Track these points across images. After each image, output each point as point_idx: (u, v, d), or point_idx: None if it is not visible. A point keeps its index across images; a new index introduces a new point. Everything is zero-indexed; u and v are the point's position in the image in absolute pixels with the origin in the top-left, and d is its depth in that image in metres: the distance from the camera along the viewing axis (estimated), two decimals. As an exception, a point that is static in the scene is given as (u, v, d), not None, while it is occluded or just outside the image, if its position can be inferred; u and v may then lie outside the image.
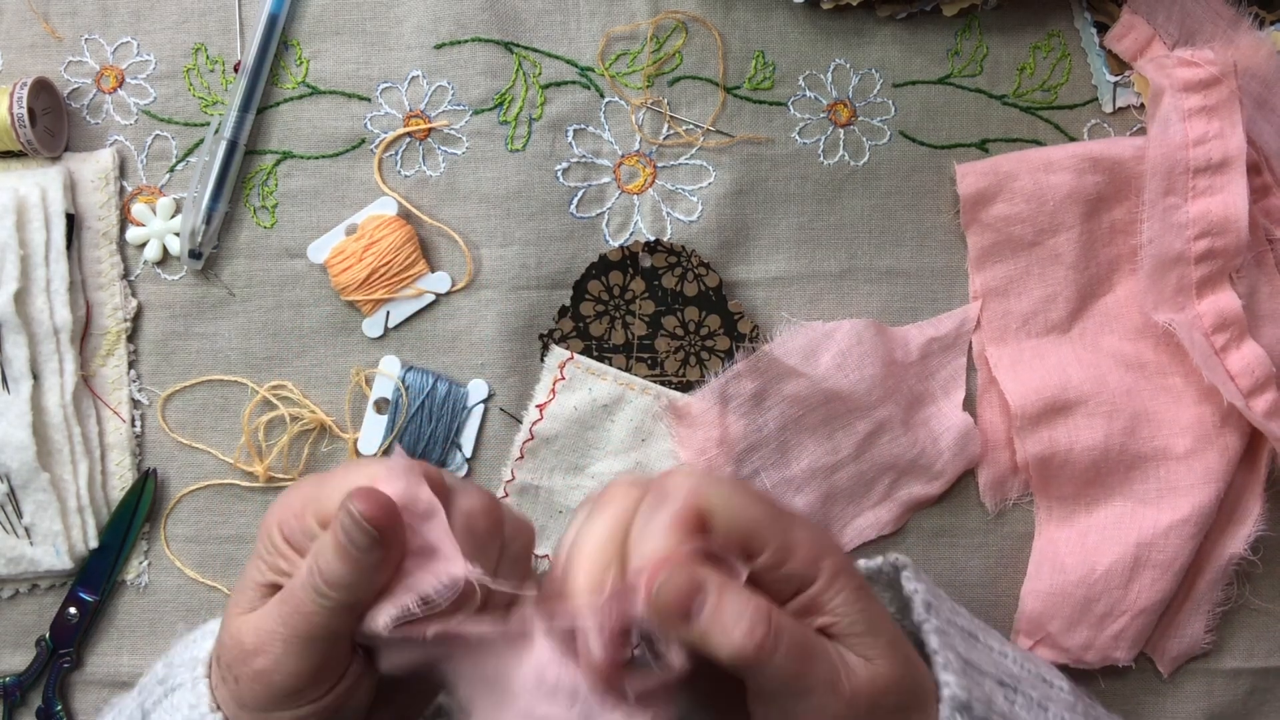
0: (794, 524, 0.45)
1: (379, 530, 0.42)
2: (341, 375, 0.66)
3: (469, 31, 0.66)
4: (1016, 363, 0.66)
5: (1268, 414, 0.62)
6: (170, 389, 0.67)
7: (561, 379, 0.65)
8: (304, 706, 0.45)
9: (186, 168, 0.67)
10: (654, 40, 0.67)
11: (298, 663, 0.44)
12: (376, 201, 0.66)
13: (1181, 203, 0.63)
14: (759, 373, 0.64)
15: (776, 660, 0.42)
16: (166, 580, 0.66)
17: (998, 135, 0.68)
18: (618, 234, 0.67)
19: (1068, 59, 0.68)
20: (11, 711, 0.65)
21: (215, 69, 0.67)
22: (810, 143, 0.67)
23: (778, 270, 0.67)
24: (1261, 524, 0.64)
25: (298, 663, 0.44)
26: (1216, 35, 0.66)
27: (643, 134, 0.67)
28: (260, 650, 0.44)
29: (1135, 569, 0.63)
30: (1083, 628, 0.64)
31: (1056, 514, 0.66)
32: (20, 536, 0.64)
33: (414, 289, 0.66)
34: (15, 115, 0.63)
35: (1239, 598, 0.66)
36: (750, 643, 0.42)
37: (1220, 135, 0.63)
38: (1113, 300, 0.67)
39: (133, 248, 0.67)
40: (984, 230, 0.67)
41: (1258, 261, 0.65)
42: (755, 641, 0.42)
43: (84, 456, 0.65)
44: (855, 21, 0.67)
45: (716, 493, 0.44)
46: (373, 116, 0.67)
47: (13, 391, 0.63)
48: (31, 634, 0.66)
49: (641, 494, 0.45)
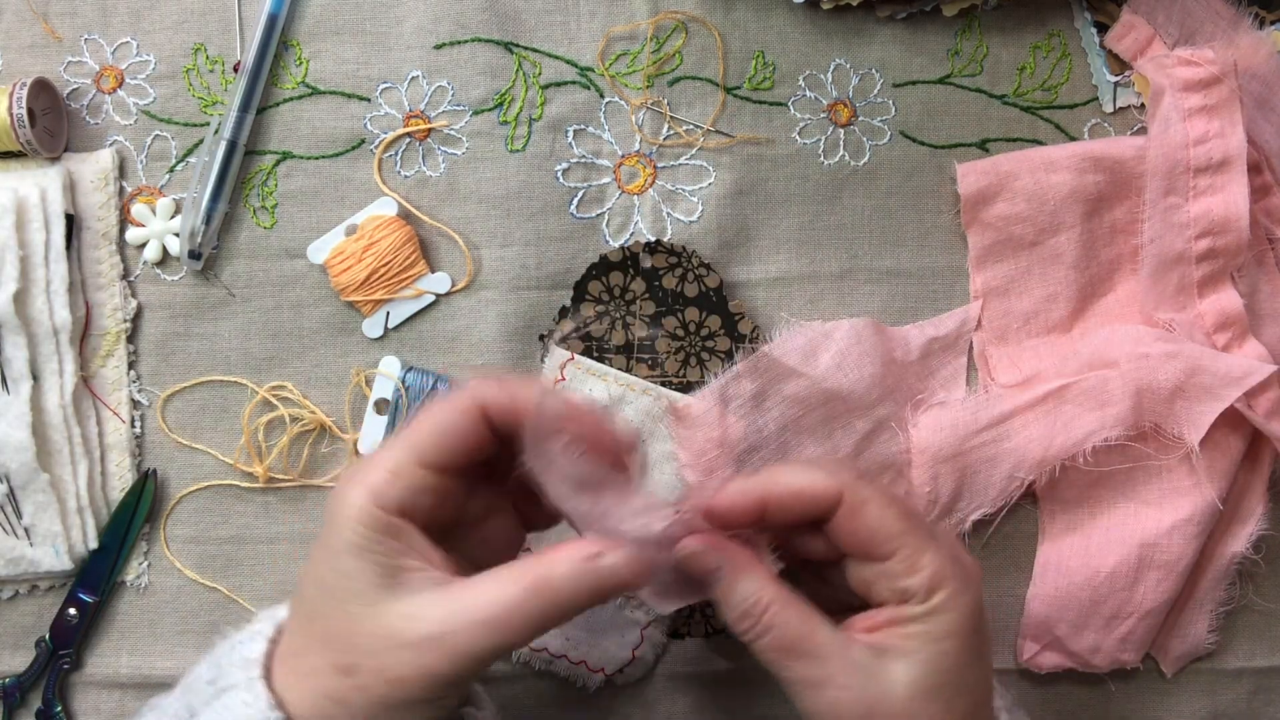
0: (931, 547, 0.49)
1: None
2: (341, 376, 0.66)
3: (469, 31, 0.66)
4: (1017, 362, 0.66)
5: (1268, 414, 0.62)
6: (170, 389, 0.66)
7: (562, 380, 0.65)
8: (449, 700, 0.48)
9: (186, 168, 0.67)
10: (654, 40, 0.67)
11: (487, 664, 0.46)
12: (376, 202, 0.66)
13: (1182, 202, 0.63)
14: (759, 373, 0.63)
15: (758, 646, 0.48)
16: (166, 581, 0.66)
17: (998, 135, 0.68)
18: (618, 234, 0.67)
19: (1068, 59, 0.68)
20: (11, 712, 0.65)
21: (215, 69, 0.67)
22: (810, 143, 0.67)
23: (778, 271, 0.67)
24: (1264, 523, 0.64)
25: (487, 664, 0.46)
26: (1216, 35, 0.66)
27: (643, 134, 0.67)
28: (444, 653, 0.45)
29: (1140, 570, 0.63)
30: (1090, 631, 0.64)
31: (1060, 517, 0.66)
32: (20, 537, 0.64)
33: (414, 289, 0.66)
34: (15, 115, 0.63)
35: (1242, 597, 0.66)
36: (739, 624, 0.49)
37: (1221, 135, 0.63)
38: (1114, 300, 0.67)
39: (132, 248, 0.67)
40: (985, 230, 0.67)
41: (1258, 261, 0.65)
42: (743, 626, 0.48)
43: (84, 457, 0.65)
44: (855, 21, 0.67)
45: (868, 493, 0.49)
46: (372, 117, 0.67)
47: (12, 392, 0.63)
48: (31, 635, 0.66)
49: None
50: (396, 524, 0.47)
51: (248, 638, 0.49)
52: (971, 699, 0.49)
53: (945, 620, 0.48)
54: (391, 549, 0.46)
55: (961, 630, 0.48)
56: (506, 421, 0.48)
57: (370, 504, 0.46)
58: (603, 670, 0.64)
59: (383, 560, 0.46)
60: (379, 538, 0.46)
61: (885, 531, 0.48)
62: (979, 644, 0.49)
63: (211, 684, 0.48)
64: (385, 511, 0.47)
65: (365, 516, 0.46)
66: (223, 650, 0.50)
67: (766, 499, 0.49)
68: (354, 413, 0.66)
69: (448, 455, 0.48)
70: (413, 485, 0.47)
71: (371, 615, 0.45)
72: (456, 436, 0.48)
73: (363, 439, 0.66)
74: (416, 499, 0.47)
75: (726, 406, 0.63)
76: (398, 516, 0.47)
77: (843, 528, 0.49)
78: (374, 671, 0.45)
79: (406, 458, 0.48)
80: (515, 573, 0.46)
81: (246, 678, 0.46)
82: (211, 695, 0.47)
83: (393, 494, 0.47)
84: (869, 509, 0.49)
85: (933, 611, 0.48)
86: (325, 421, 0.66)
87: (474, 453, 0.49)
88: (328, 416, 0.66)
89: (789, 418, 0.63)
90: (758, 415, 0.63)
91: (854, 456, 0.64)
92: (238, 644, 0.49)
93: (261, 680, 0.46)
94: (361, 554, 0.46)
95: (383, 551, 0.46)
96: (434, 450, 0.48)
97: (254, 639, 0.49)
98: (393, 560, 0.46)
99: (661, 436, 0.64)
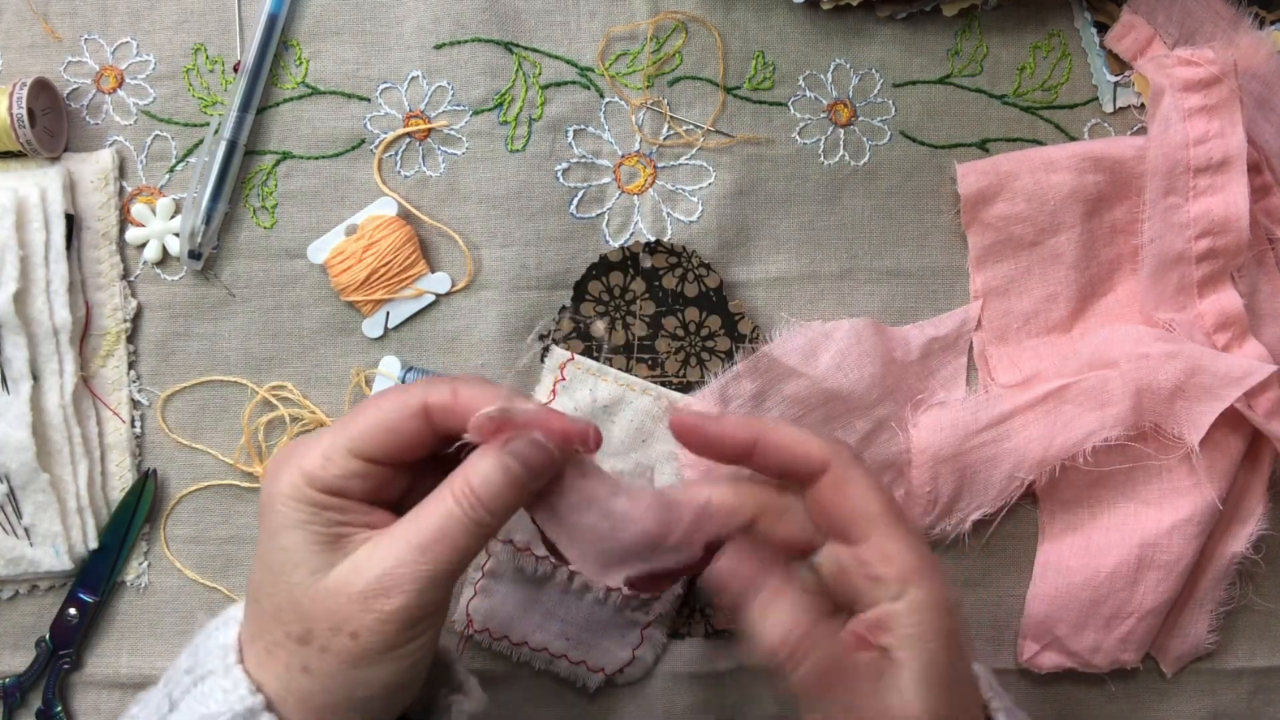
0: (904, 540, 0.48)
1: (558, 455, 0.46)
2: (341, 375, 0.66)
3: (469, 32, 0.66)
4: (1017, 362, 0.66)
5: (1268, 414, 0.62)
6: (170, 389, 0.67)
7: (562, 380, 0.65)
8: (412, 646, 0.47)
9: (186, 168, 0.67)
10: (654, 40, 0.67)
11: (435, 595, 0.45)
12: (376, 202, 0.66)
13: (1182, 202, 0.63)
14: (759, 373, 0.63)
15: (799, 673, 0.46)
16: (166, 581, 0.66)
17: (998, 135, 0.68)
18: (618, 234, 0.67)
19: (1068, 59, 0.68)
20: (11, 712, 0.65)
21: (215, 69, 0.67)
22: (810, 143, 0.67)
23: (778, 270, 0.67)
24: (1264, 523, 0.64)
25: (435, 595, 0.45)
26: (1216, 35, 0.66)
27: (643, 134, 0.67)
28: (389, 592, 0.45)
29: (1140, 570, 0.63)
30: (1090, 631, 0.64)
31: (1060, 517, 0.66)
32: (20, 537, 0.64)
33: (414, 289, 0.66)
34: (15, 115, 0.63)
35: (1242, 597, 0.66)
36: (779, 649, 0.46)
37: (1221, 134, 0.63)
38: (1114, 300, 0.67)
39: (132, 248, 0.67)
40: (985, 230, 0.67)
41: (1258, 260, 0.65)
42: (785, 651, 0.46)
43: (84, 457, 0.65)
44: (855, 21, 0.67)
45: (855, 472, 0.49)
46: (372, 117, 0.67)
47: (12, 392, 0.63)
48: (31, 635, 0.66)
49: None
50: (331, 500, 0.47)
51: (221, 624, 0.49)
52: (963, 694, 0.49)
53: (930, 620, 0.47)
54: (329, 520, 0.47)
55: (945, 629, 0.48)
56: (448, 424, 0.48)
57: (302, 483, 0.47)
58: (603, 670, 0.64)
59: (320, 530, 0.46)
60: (314, 510, 0.46)
61: (863, 511, 0.48)
62: (960, 638, 0.49)
63: (189, 673, 0.48)
64: (323, 490, 0.47)
65: (297, 494, 0.47)
66: (200, 639, 0.50)
67: (759, 440, 0.49)
68: (354, 413, 0.66)
69: (381, 450, 0.48)
70: (344, 471, 0.47)
71: (315, 580, 0.46)
72: (393, 433, 0.48)
73: (363, 439, 0.66)
74: (348, 483, 0.47)
75: (726, 406, 0.63)
76: (331, 495, 0.47)
77: (823, 498, 0.49)
78: (329, 632, 0.45)
79: (339, 445, 0.47)
80: (439, 490, 0.47)
81: (224, 664, 0.47)
82: (190, 684, 0.47)
83: (324, 477, 0.47)
84: (852, 487, 0.48)
85: (914, 610, 0.47)
86: (325, 421, 0.66)
87: (410, 449, 0.48)
88: (328, 416, 0.66)
89: (789, 418, 0.63)
90: (758, 415, 0.63)
91: (854, 456, 0.64)
92: (213, 631, 0.49)
93: (239, 665, 0.46)
94: (298, 527, 0.46)
95: (320, 522, 0.46)
96: (367, 443, 0.47)
97: (227, 624, 0.49)
98: (330, 529, 0.46)
99: (661, 436, 0.64)
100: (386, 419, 0.48)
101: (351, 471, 0.47)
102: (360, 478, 0.47)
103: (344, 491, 0.47)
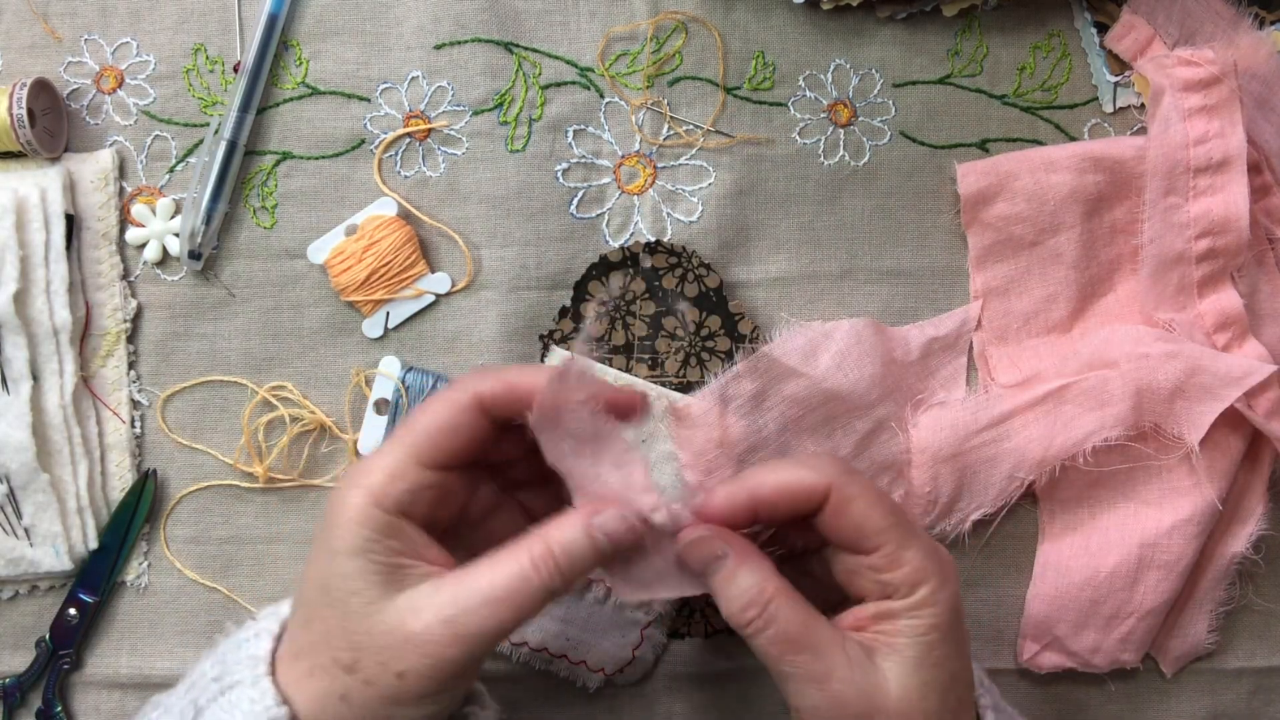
0: (913, 544, 0.49)
1: None
2: (341, 376, 0.66)
3: (469, 32, 0.66)
4: (1017, 362, 0.66)
5: (1268, 414, 0.62)
6: (170, 389, 0.66)
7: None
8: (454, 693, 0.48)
9: (186, 168, 0.67)
10: (654, 40, 0.67)
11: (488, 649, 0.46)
12: (376, 202, 0.66)
13: (1182, 202, 0.63)
14: (759, 373, 0.63)
15: (761, 639, 0.48)
16: (166, 581, 0.66)
17: (998, 135, 0.68)
18: (618, 234, 0.67)
19: (1068, 59, 0.68)
20: (11, 712, 0.65)
21: (215, 69, 0.67)
22: (810, 143, 0.67)
23: (778, 271, 0.67)
24: (1264, 523, 0.64)
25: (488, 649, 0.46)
26: (1216, 35, 0.66)
27: (643, 134, 0.67)
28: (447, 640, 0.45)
29: (1140, 570, 0.63)
30: (1090, 631, 0.64)
31: (1060, 517, 0.66)
32: (20, 537, 0.64)
33: (414, 289, 0.66)
34: (15, 116, 0.63)
35: (1242, 597, 0.66)
36: (742, 616, 0.48)
37: (1221, 135, 0.63)
38: (1114, 300, 0.67)
39: (132, 248, 0.67)
40: (985, 230, 0.67)
41: (1258, 260, 0.65)
42: (746, 617, 0.48)
43: (84, 457, 0.65)
44: (855, 21, 0.67)
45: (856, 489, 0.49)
46: (372, 117, 0.67)
47: (12, 392, 0.63)
48: (31, 635, 0.66)
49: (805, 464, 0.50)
50: (396, 523, 0.47)
51: (252, 635, 0.49)
52: (956, 693, 0.49)
53: (929, 616, 0.48)
54: (390, 548, 0.47)
55: (944, 625, 0.48)
56: (505, 410, 0.48)
57: (369, 505, 0.47)
58: (603, 670, 0.64)
59: (382, 560, 0.46)
60: (378, 538, 0.46)
61: (871, 526, 0.49)
62: (960, 638, 0.50)
63: (217, 681, 0.48)
64: (385, 512, 0.47)
65: (364, 518, 0.46)
66: (227, 647, 0.50)
67: (756, 499, 0.50)
68: (354, 413, 0.66)
69: (446, 452, 0.48)
70: (412, 485, 0.47)
71: (373, 612, 0.46)
72: (454, 432, 0.48)
73: (363, 439, 0.66)
74: (416, 498, 0.47)
75: (726, 406, 0.63)
76: (397, 516, 0.47)
77: (830, 522, 0.49)
78: (378, 666, 0.45)
79: (405, 456, 0.48)
80: (516, 548, 0.46)
81: (253, 675, 0.47)
82: (217, 692, 0.47)
83: (392, 494, 0.47)
84: (856, 505, 0.49)
85: (917, 607, 0.48)
86: (325, 421, 0.66)
87: (473, 447, 0.49)
88: (328, 416, 0.66)
89: (789, 418, 0.63)
90: (758, 415, 0.63)
91: (854, 456, 0.64)
92: (242, 641, 0.49)
93: (268, 677, 0.46)
94: (361, 555, 0.46)
95: (381, 552, 0.46)
96: (432, 448, 0.48)
97: (259, 636, 0.49)
98: (391, 559, 0.46)
99: (661, 436, 0.64)
100: (442, 420, 0.48)
101: (419, 484, 0.47)
102: (427, 489, 0.47)
103: (411, 510, 0.47)
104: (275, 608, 0.51)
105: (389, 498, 0.47)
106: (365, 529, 0.46)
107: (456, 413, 0.48)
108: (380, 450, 0.49)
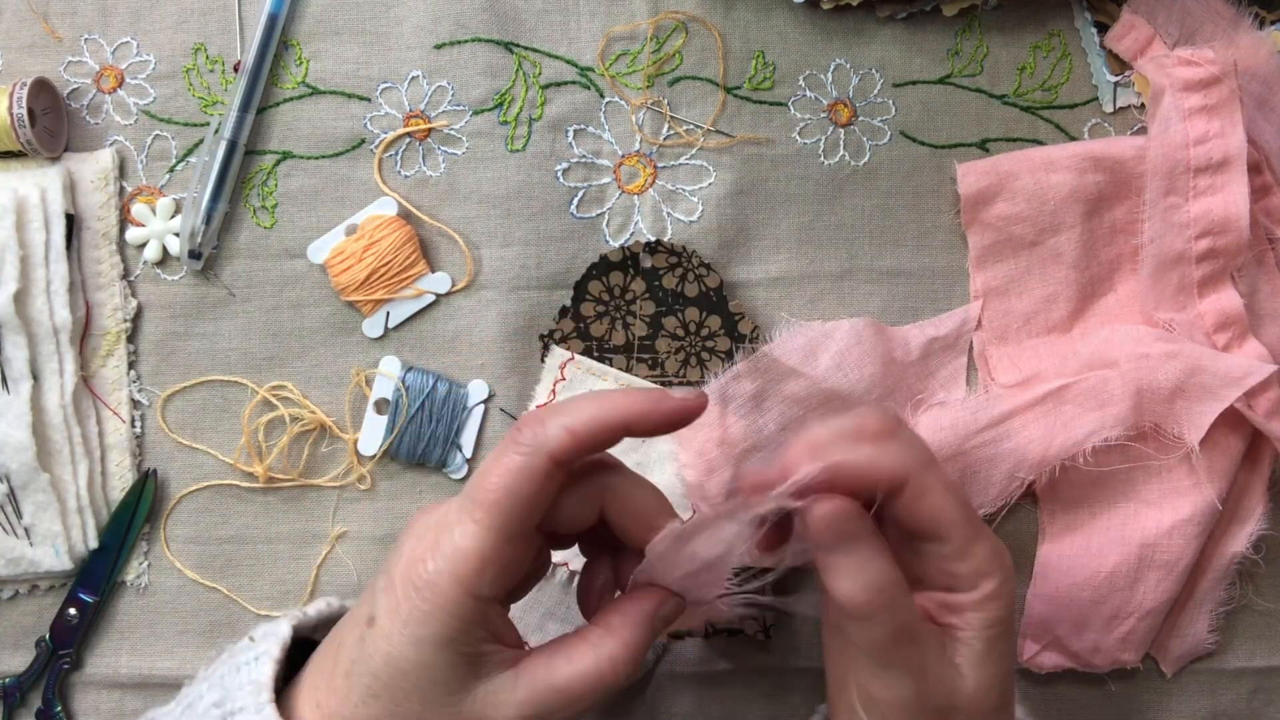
0: (981, 537, 0.48)
1: None
2: (341, 375, 0.66)
3: (469, 31, 0.66)
4: (1017, 362, 0.66)
5: (1268, 414, 0.62)
6: (170, 389, 0.67)
7: (562, 379, 0.65)
8: None
9: (186, 168, 0.67)
10: (654, 40, 0.67)
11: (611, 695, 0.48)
12: (376, 202, 0.66)
13: (1182, 202, 0.63)
14: (759, 373, 0.63)
15: (873, 625, 0.46)
16: (166, 581, 0.66)
17: (998, 135, 0.68)
18: (618, 234, 0.67)
19: (1068, 59, 0.68)
20: (11, 712, 0.65)
21: (215, 69, 0.67)
22: (810, 143, 0.67)
23: (778, 270, 0.67)
24: (1264, 523, 0.64)
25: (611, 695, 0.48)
26: (1216, 35, 0.66)
27: (643, 134, 0.67)
28: None
29: (1140, 570, 0.63)
30: (1090, 631, 0.64)
31: (1060, 517, 0.66)
32: (20, 537, 0.64)
33: (414, 289, 0.66)
34: (15, 115, 0.63)
35: (1242, 597, 0.66)
36: (860, 598, 0.46)
37: (1221, 134, 0.63)
38: (1114, 300, 0.67)
39: (132, 248, 0.67)
40: (985, 229, 0.67)
41: (1258, 260, 0.65)
42: (864, 599, 0.46)
43: (84, 457, 0.65)
44: (855, 21, 0.67)
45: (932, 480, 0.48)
46: (372, 117, 0.67)
47: (12, 392, 0.63)
48: (31, 635, 0.66)
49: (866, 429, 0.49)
50: (486, 610, 0.46)
51: (252, 659, 0.49)
52: (1008, 686, 0.50)
53: (994, 610, 0.48)
54: (477, 637, 0.46)
55: (1007, 620, 0.49)
56: (574, 462, 0.47)
57: (464, 595, 0.45)
58: (603, 670, 0.64)
59: (467, 650, 0.46)
60: (468, 628, 0.45)
61: (946, 519, 0.48)
62: (1012, 634, 0.50)
63: (218, 707, 0.47)
64: (477, 600, 0.45)
65: (458, 609, 0.45)
66: (225, 670, 0.49)
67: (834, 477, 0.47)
68: (354, 413, 0.66)
69: (531, 524, 0.47)
70: (504, 567, 0.46)
71: (453, 702, 0.45)
72: (539, 502, 0.46)
73: (363, 439, 0.66)
74: (506, 579, 0.46)
75: (726, 406, 0.63)
76: (490, 602, 0.46)
77: (904, 509, 0.48)
78: None
79: (497, 539, 0.45)
80: (592, 641, 0.48)
81: (256, 702, 0.46)
82: (219, 718, 0.47)
83: (486, 580, 0.45)
84: (932, 496, 0.48)
85: (984, 601, 0.48)
86: (325, 421, 0.66)
87: (552, 504, 0.48)
88: (328, 416, 0.66)
89: (789, 418, 0.63)
90: (758, 415, 0.63)
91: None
92: (242, 665, 0.49)
93: (272, 704, 0.46)
94: (449, 646, 0.45)
95: (468, 641, 0.46)
96: (520, 526, 0.46)
97: (260, 660, 0.48)
98: (475, 649, 0.46)
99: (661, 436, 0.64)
100: (528, 493, 0.46)
101: (509, 564, 0.46)
102: (515, 566, 0.47)
103: (500, 592, 0.47)
104: (273, 627, 0.51)
105: (484, 586, 0.45)
106: (457, 620, 0.45)
107: (540, 482, 0.46)
108: (464, 524, 0.46)
